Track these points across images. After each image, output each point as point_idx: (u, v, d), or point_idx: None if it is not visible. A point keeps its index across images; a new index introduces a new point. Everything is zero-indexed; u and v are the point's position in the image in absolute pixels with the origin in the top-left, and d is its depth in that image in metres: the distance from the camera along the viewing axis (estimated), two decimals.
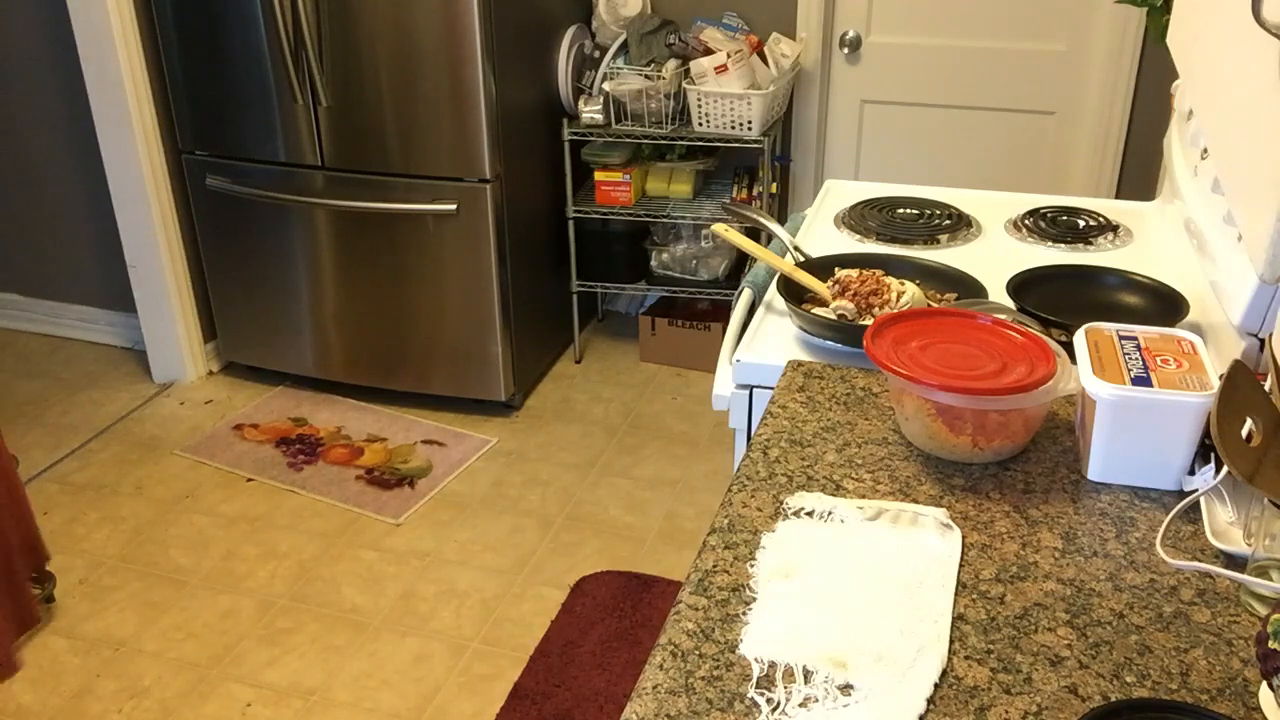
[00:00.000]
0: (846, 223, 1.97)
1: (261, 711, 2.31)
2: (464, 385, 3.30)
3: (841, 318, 1.55)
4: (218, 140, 3.20)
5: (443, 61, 2.89)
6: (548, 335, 3.59)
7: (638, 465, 3.11)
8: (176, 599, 2.63)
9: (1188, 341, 1.27)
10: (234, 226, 3.30)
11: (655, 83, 3.16)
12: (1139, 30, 3.06)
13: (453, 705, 2.32)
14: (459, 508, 2.93)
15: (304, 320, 3.35)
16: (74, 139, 3.49)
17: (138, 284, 3.42)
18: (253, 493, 3.00)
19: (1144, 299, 1.61)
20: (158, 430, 3.30)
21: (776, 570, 1.09)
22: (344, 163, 3.10)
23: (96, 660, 2.45)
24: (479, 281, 3.13)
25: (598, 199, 3.39)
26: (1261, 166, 1.09)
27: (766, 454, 1.28)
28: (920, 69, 3.33)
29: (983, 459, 1.26)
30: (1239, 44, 1.19)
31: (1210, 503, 1.16)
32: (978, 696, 0.94)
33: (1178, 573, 1.09)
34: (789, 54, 3.27)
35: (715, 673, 0.97)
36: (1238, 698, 0.94)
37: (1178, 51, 1.58)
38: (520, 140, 3.15)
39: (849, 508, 1.18)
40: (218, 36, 3.04)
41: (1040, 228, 1.93)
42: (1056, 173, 3.35)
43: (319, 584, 2.67)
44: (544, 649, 2.44)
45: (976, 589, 1.07)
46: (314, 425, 3.29)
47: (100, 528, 2.87)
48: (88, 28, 3.08)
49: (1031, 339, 1.31)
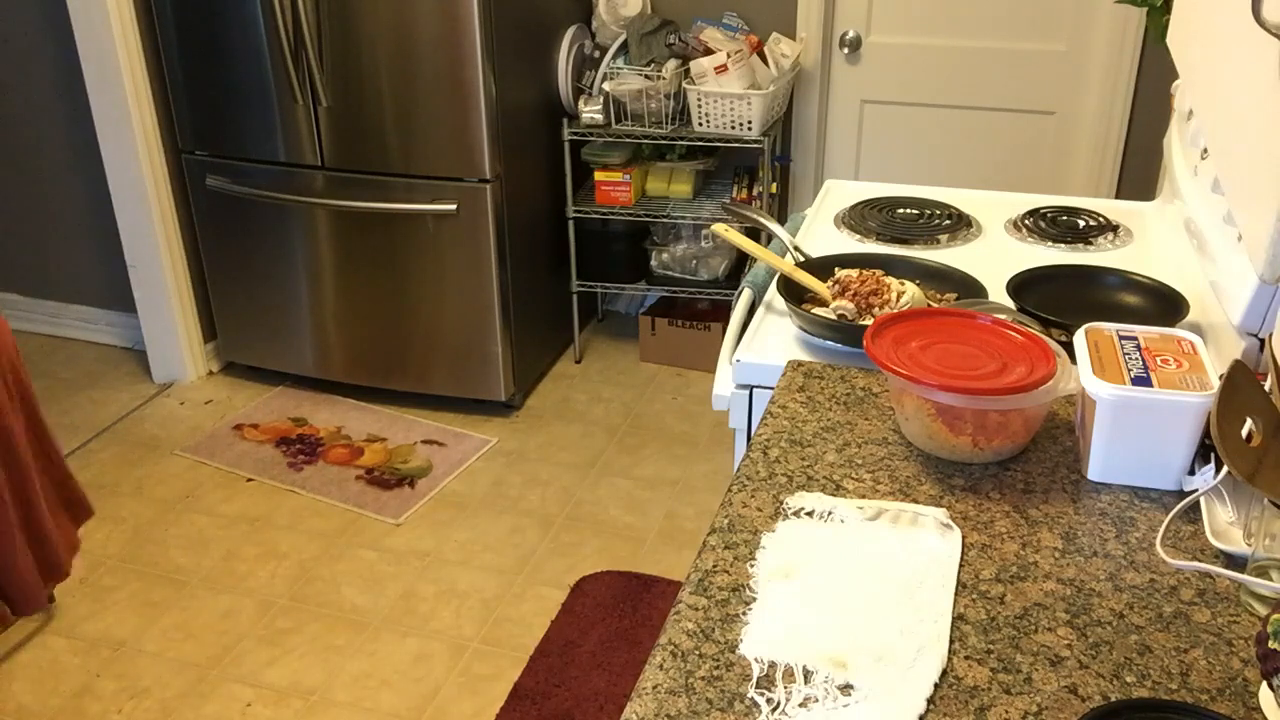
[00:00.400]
0: (846, 223, 1.97)
1: (261, 711, 2.31)
2: (464, 385, 3.30)
3: (841, 318, 1.55)
4: (218, 140, 3.20)
5: (443, 61, 2.89)
6: (548, 335, 3.59)
7: (638, 465, 3.12)
8: (176, 599, 2.63)
9: (1188, 341, 1.27)
10: (234, 226, 3.30)
11: (655, 83, 3.16)
12: (1139, 30, 3.06)
13: (453, 705, 2.32)
14: (459, 508, 2.94)
15: (304, 320, 3.35)
16: (74, 139, 3.49)
17: (138, 284, 3.42)
18: (253, 493, 3.00)
19: (1144, 299, 1.61)
20: (158, 430, 3.30)
21: (776, 570, 1.09)
22: (344, 163, 3.10)
23: (96, 660, 2.45)
24: (479, 281, 3.13)
25: (598, 199, 3.39)
26: (1261, 166, 1.09)
27: (766, 454, 1.28)
28: (920, 69, 3.33)
29: (983, 459, 1.26)
30: (1239, 44, 1.19)
31: (1210, 503, 1.16)
32: (978, 696, 0.94)
33: (1178, 573, 1.09)
34: (789, 54, 3.27)
35: (715, 673, 0.97)
36: (1238, 698, 0.94)
37: (1178, 51, 1.58)
38: (520, 140, 3.15)
39: (849, 508, 1.18)
40: (218, 36, 3.04)
41: (1040, 228, 1.93)
42: (1056, 173, 3.35)
43: (319, 584, 2.67)
44: (544, 649, 2.44)
45: (976, 589, 1.07)
46: (314, 425, 3.29)
47: (100, 528, 2.87)
48: (88, 28, 3.08)
49: (1031, 339, 1.31)
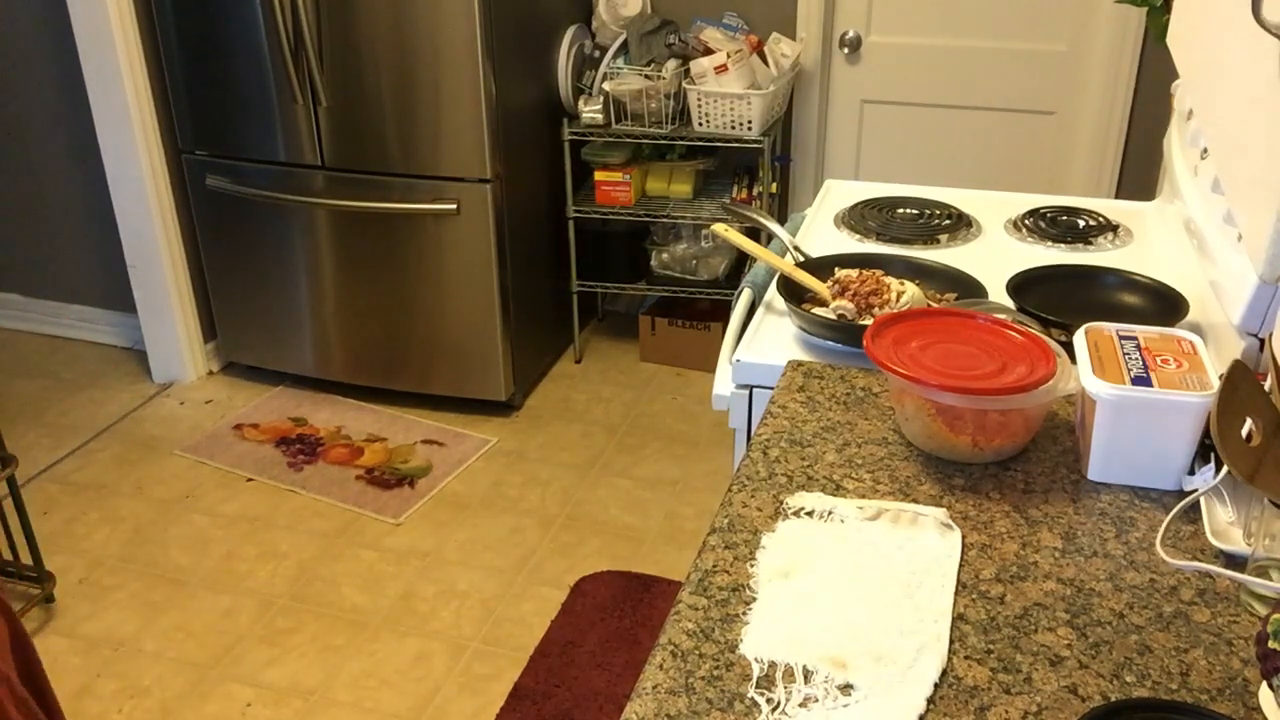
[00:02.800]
0: (846, 223, 1.97)
1: (261, 711, 2.31)
2: (464, 385, 3.30)
3: (841, 318, 1.55)
4: (218, 140, 3.20)
5: (443, 61, 2.89)
6: (548, 335, 3.59)
7: (638, 465, 3.11)
8: (176, 599, 2.63)
9: (1188, 341, 1.27)
10: (234, 226, 3.30)
11: (655, 83, 3.16)
12: (1139, 30, 3.05)
13: (453, 705, 2.32)
14: (459, 508, 2.93)
15: (304, 320, 3.35)
16: (74, 139, 3.49)
17: (138, 284, 3.42)
18: (253, 493, 3.00)
19: (1144, 299, 1.61)
20: (158, 430, 3.30)
21: (776, 570, 1.09)
22: (344, 162, 3.10)
23: (96, 660, 2.45)
24: (479, 281, 3.13)
25: (598, 199, 3.39)
26: (1261, 166, 1.09)
27: (766, 454, 1.28)
28: (920, 69, 3.33)
29: (983, 459, 1.26)
30: (1239, 44, 1.19)
31: (1210, 503, 1.16)
32: (978, 696, 0.94)
33: (1178, 573, 1.09)
34: (789, 54, 3.27)
35: (715, 673, 0.97)
36: (1238, 698, 0.94)
37: (1178, 51, 1.58)
38: (520, 140, 3.15)
39: (849, 508, 1.18)
40: (218, 36, 3.04)
41: (1040, 228, 1.93)
42: (1056, 173, 3.35)
43: (319, 584, 2.67)
44: (544, 649, 2.44)
45: (976, 589, 1.07)
46: (314, 425, 3.29)
47: (100, 528, 2.87)
48: (88, 28, 3.08)
49: (1031, 339, 1.31)
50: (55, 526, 2.87)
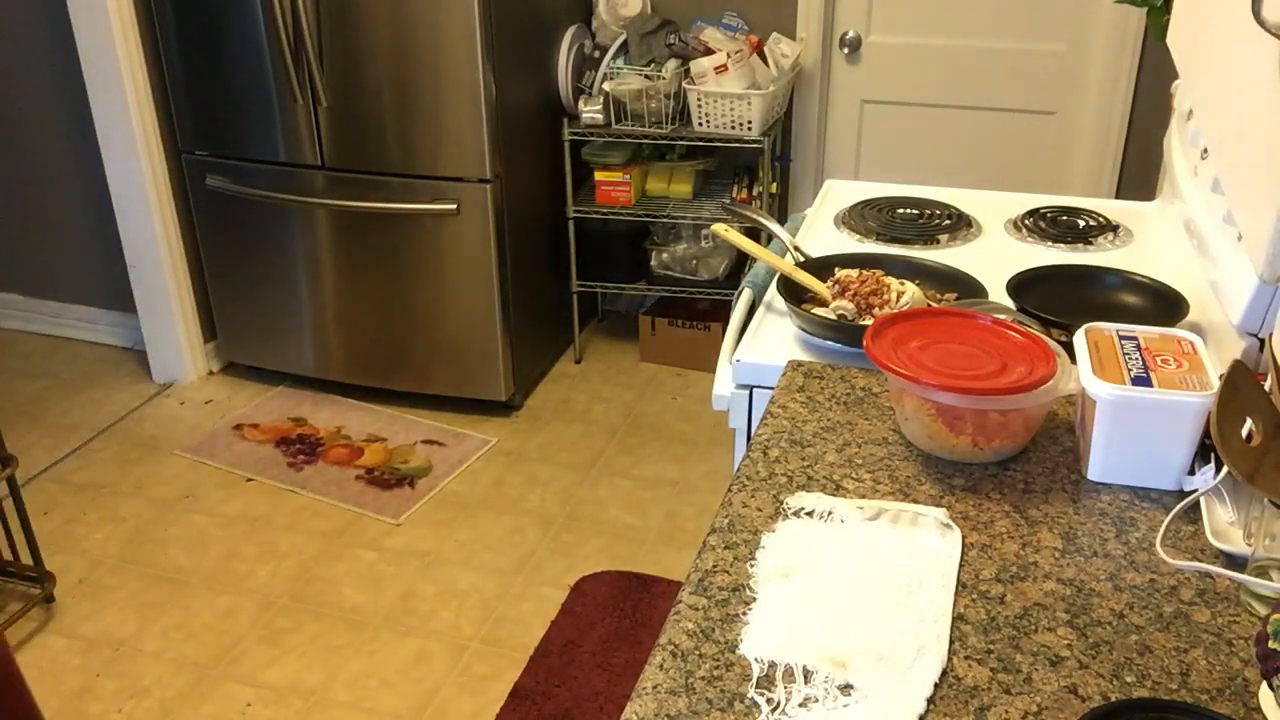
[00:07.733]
0: (846, 223, 1.97)
1: (261, 711, 2.31)
2: (464, 385, 3.30)
3: (841, 318, 1.55)
4: (218, 140, 3.20)
5: (443, 61, 2.89)
6: (548, 335, 3.59)
7: (638, 465, 3.11)
8: (176, 599, 2.63)
9: (1188, 341, 1.27)
10: (234, 226, 3.30)
11: (655, 83, 3.16)
12: (1139, 30, 3.05)
13: (453, 705, 2.32)
14: (459, 508, 2.94)
15: (304, 320, 3.35)
16: (74, 139, 3.49)
17: (138, 284, 3.42)
18: (253, 493, 3.00)
19: (1144, 299, 1.61)
20: (158, 430, 3.30)
21: (776, 570, 1.09)
22: (344, 163, 3.10)
23: (96, 660, 2.45)
24: (479, 281, 3.13)
25: (598, 199, 3.39)
26: (1261, 166, 1.09)
27: (766, 454, 1.28)
28: (920, 69, 3.33)
29: (983, 459, 1.26)
30: (1239, 44, 1.19)
31: (1210, 503, 1.16)
32: (978, 696, 0.94)
33: (1178, 573, 1.09)
34: (789, 54, 3.27)
35: (715, 673, 0.97)
36: (1238, 698, 0.94)
37: (1178, 51, 1.58)
38: (520, 140, 3.15)
39: (849, 508, 1.18)
40: (218, 36, 3.04)
41: (1040, 228, 1.93)
42: (1056, 173, 3.35)
43: (319, 584, 2.67)
44: (544, 649, 2.44)
45: (976, 589, 1.07)
46: (314, 425, 3.29)
47: (100, 528, 2.87)
48: (88, 28, 3.08)
49: (1031, 339, 1.31)
50: (55, 526, 2.87)
